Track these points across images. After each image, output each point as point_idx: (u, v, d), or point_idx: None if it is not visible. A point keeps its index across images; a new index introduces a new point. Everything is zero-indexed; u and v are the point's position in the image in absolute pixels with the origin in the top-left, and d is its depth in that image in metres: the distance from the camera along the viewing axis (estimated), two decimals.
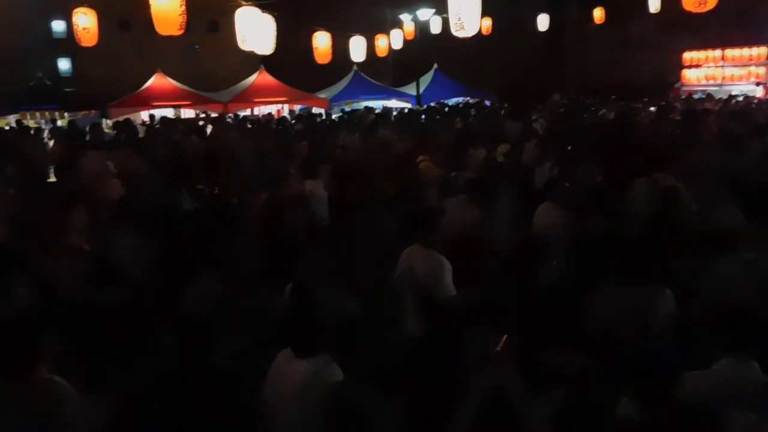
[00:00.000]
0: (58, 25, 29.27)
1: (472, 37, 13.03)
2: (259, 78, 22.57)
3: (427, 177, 6.77)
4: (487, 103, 23.30)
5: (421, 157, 7.36)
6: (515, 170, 6.95)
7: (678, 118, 12.28)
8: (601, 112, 16.66)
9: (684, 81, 26.14)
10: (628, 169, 6.41)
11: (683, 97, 22.48)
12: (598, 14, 24.57)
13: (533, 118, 13.57)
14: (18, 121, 17.38)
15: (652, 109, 16.39)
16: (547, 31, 24.81)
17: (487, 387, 2.92)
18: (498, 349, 3.15)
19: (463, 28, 12.16)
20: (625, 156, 7.14)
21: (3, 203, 5.84)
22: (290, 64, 22.02)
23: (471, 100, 24.23)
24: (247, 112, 22.03)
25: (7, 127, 15.74)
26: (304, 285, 3.91)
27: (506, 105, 21.93)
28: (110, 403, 3.16)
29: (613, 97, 21.46)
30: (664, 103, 17.84)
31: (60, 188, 6.67)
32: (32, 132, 13.92)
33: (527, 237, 5.12)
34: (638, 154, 7.00)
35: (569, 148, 8.48)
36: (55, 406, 2.70)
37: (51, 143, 12.84)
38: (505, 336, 3.18)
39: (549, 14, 24.35)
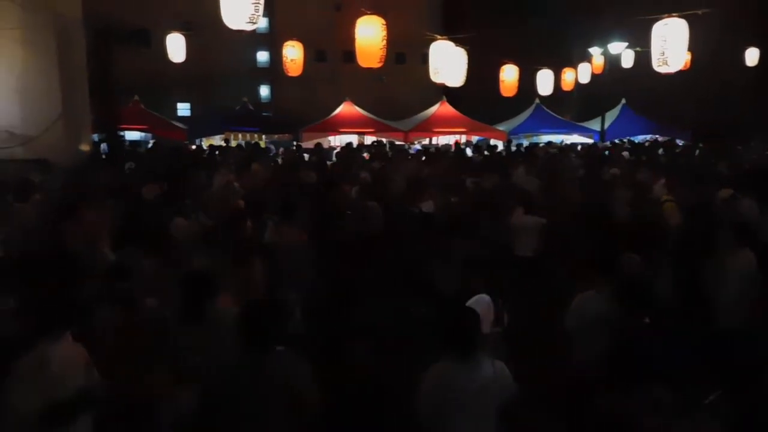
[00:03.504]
0: (262, 56, 32.52)
1: (665, 72, 12.20)
2: (440, 108, 23.02)
3: (671, 219, 6.27)
4: (679, 142, 21.75)
5: (665, 197, 6.90)
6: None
7: None
8: None
9: None
10: None
11: None
12: None
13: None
14: (226, 141, 19.38)
15: None
16: (756, 66, 22.59)
17: None
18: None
19: (666, 63, 11.43)
20: None
21: None
22: (471, 95, 22.24)
23: (660, 139, 22.80)
24: (426, 141, 22.57)
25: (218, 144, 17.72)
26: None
27: (701, 145, 20.36)
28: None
29: None
30: None
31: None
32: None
33: None
34: None
35: None
36: (295, 368, 3.27)
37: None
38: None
39: (759, 48, 22.17)
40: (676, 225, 5.95)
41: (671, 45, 11.26)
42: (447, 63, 13.90)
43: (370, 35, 10.92)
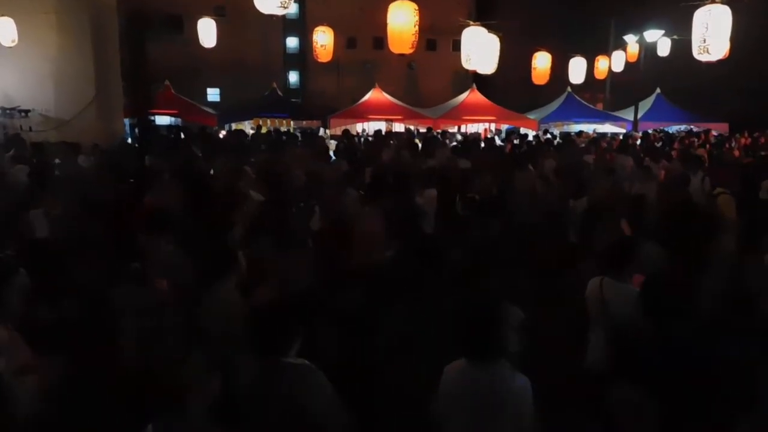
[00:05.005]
0: (291, 42, 32.54)
1: (706, 60, 11.83)
2: (470, 96, 22.79)
3: (725, 212, 6.01)
4: (715, 133, 21.24)
5: (718, 190, 6.64)
6: None
7: None
8: None
9: None
10: None
11: None
12: None
13: None
14: (258, 126, 19.44)
15: None
16: None
17: None
18: None
19: (707, 51, 11.04)
20: None
21: None
22: (502, 82, 21.97)
23: (695, 128, 22.30)
24: (455, 129, 22.36)
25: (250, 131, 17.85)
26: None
27: (737, 135, 19.88)
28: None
29: None
30: None
31: None
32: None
33: None
34: None
35: None
36: (309, 387, 2.85)
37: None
38: None
39: None
40: (732, 218, 5.68)
41: (713, 33, 10.87)
42: (479, 50, 13.66)
43: (402, 21, 10.78)
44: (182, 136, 15.52)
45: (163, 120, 21.42)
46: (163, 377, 3.19)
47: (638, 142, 16.70)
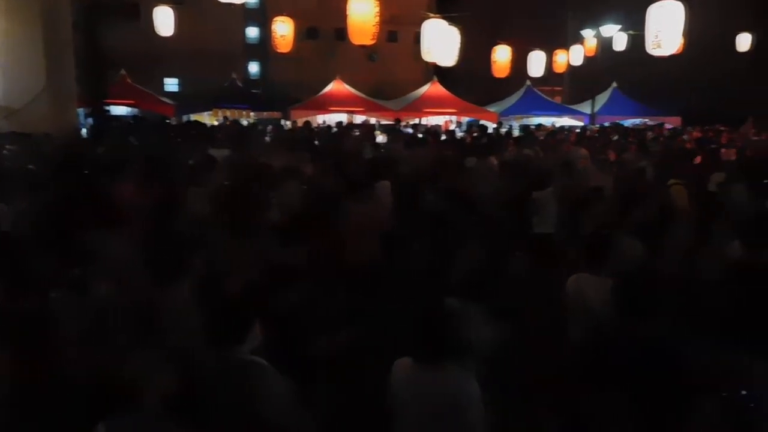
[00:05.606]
0: (251, 32, 32.12)
1: (659, 54, 12.14)
2: (431, 88, 22.81)
3: (678, 203, 6.14)
4: (668, 126, 21.81)
5: (672, 180, 6.73)
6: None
7: None
8: None
9: None
10: None
11: None
12: None
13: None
14: (225, 118, 19.11)
15: None
16: (748, 52, 22.53)
17: None
18: None
19: (660, 46, 11.34)
20: None
21: None
22: (462, 75, 22.09)
23: (649, 122, 22.87)
24: (416, 121, 22.41)
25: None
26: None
27: (688, 128, 20.44)
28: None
29: None
30: None
31: None
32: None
33: None
34: None
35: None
36: (260, 384, 2.82)
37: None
38: None
39: (754, 33, 22.07)
40: (683, 209, 5.81)
41: (666, 27, 11.16)
42: (439, 42, 13.71)
43: (363, 11, 10.75)
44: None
45: (119, 110, 20.89)
46: (109, 376, 3.13)
47: (596, 135, 17.05)
